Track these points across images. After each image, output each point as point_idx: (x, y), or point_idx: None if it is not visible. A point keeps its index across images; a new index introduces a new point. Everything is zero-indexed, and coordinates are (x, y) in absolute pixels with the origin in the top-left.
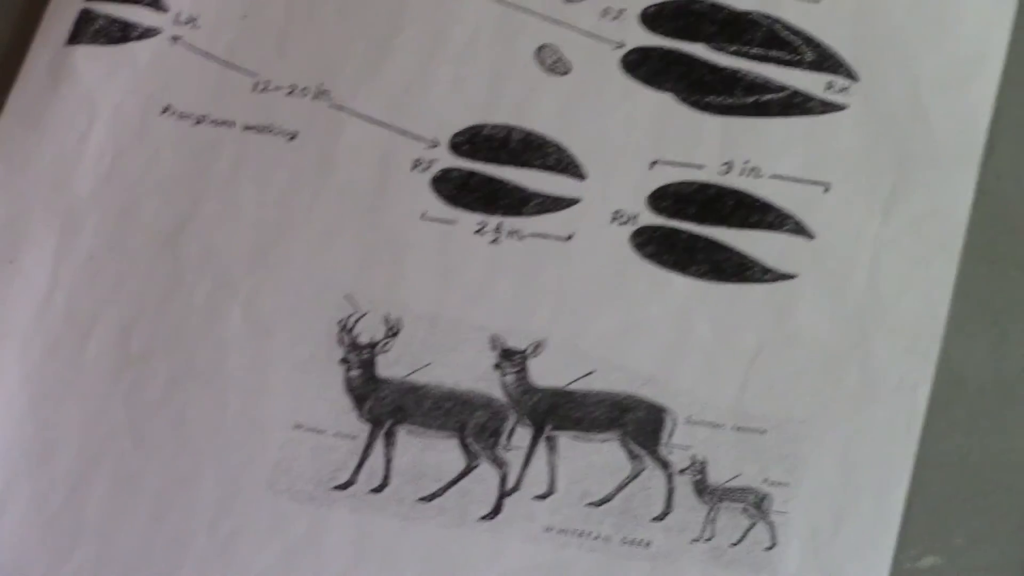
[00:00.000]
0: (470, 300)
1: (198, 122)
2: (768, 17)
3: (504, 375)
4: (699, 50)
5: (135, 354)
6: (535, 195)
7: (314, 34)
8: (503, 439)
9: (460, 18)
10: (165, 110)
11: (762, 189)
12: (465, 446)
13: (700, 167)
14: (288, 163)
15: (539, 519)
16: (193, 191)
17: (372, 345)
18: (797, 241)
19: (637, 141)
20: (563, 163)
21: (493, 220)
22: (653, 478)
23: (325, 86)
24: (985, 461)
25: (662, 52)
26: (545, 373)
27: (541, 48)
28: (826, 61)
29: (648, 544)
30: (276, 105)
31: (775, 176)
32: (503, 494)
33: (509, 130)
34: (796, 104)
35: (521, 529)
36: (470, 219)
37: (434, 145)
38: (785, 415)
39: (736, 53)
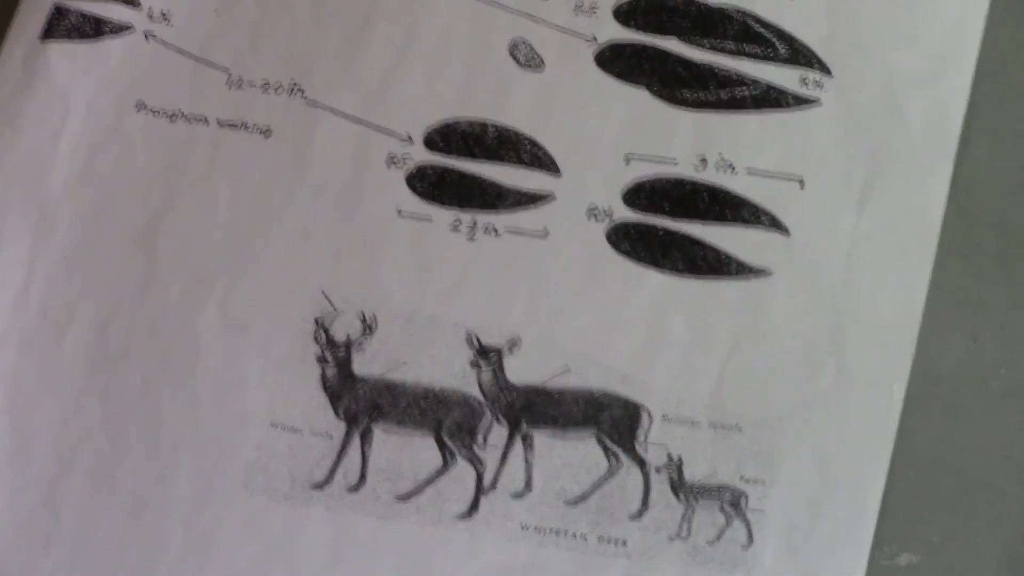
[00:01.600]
0: (446, 297)
1: (172, 118)
2: (741, 12)
3: (480, 372)
4: (673, 45)
5: (111, 351)
6: (510, 191)
7: (287, 30)
8: (479, 437)
9: (433, 13)
10: (139, 106)
11: (737, 184)
12: (442, 444)
13: (675, 162)
14: (263, 159)
15: (516, 517)
16: (167, 188)
17: (348, 343)
18: (772, 236)
19: (611, 136)
20: (538, 159)
21: (468, 216)
22: (629, 476)
23: (299, 82)
24: (962, 458)
25: (636, 47)
26: (521, 370)
27: (514, 43)
28: (800, 56)
29: (624, 542)
30: (250, 101)
31: (750, 171)
32: (480, 492)
33: (483, 126)
34: (770, 99)
35: (498, 528)
36: (445, 215)
37: (408, 141)
38: (761, 412)
39: (710, 48)
